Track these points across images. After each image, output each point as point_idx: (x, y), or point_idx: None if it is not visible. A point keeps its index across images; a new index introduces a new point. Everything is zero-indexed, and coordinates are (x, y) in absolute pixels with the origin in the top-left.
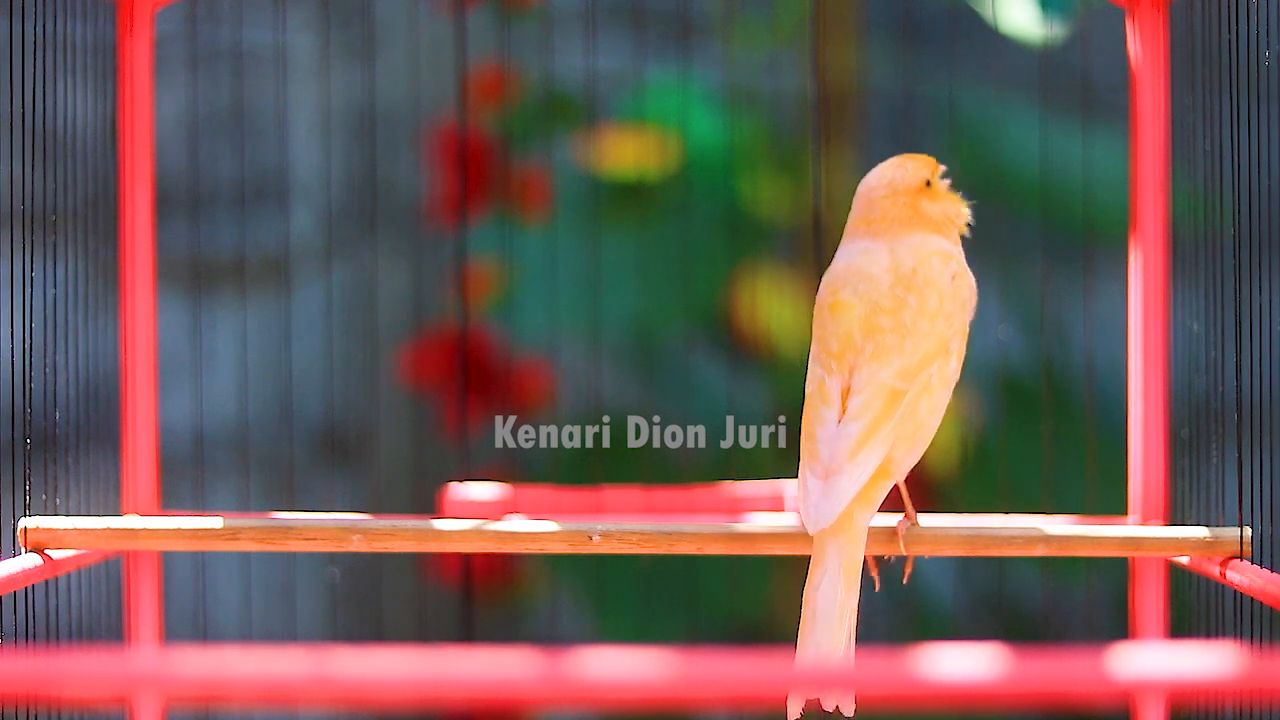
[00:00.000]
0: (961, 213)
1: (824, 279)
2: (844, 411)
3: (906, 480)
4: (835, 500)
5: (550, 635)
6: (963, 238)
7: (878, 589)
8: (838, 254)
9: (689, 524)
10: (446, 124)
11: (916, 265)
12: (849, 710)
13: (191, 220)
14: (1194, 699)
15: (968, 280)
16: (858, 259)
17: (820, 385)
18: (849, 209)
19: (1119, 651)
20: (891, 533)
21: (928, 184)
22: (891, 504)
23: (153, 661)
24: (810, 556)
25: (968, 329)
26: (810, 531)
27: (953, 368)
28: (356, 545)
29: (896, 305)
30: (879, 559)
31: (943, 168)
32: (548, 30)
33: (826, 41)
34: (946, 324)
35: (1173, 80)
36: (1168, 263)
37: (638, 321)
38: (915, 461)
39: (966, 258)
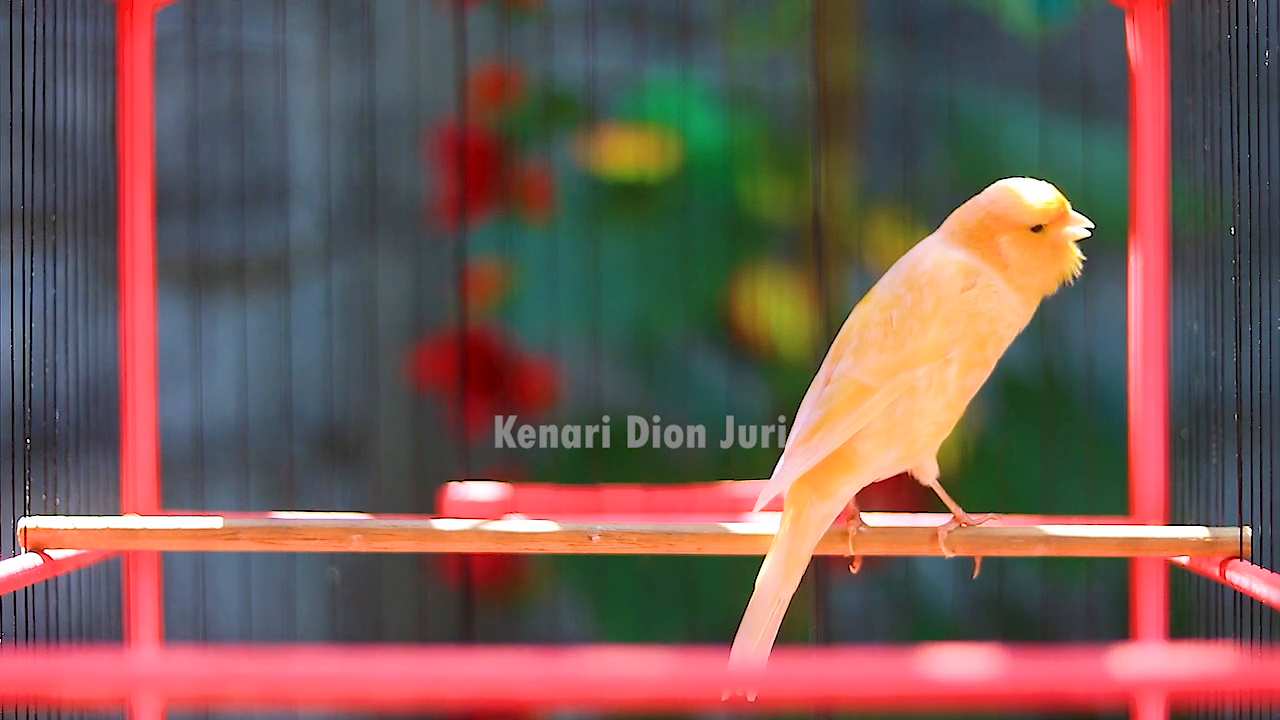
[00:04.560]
0: (1049, 272)
1: None
2: None
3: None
4: (778, 481)
5: (550, 635)
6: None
7: (855, 569)
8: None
9: (689, 524)
10: (447, 124)
11: (930, 268)
12: (752, 695)
13: (191, 220)
14: (1194, 699)
15: (994, 300)
16: (906, 256)
17: (817, 377)
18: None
19: (1119, 652)
20: (933, 534)
21: (1037, 228)
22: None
23: (153, 661)
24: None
25: (986, 346)
26: (754, 510)
27: (951, 376)
28: (356, 545)
29: (893, 302)
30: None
31: (1084, 223)
32: (548, 30)
33: (826, 41)
34: (945, 329)
35: (1173, 80)
36: (1168, 263)
37: (638, 321)
38: (900, 464)
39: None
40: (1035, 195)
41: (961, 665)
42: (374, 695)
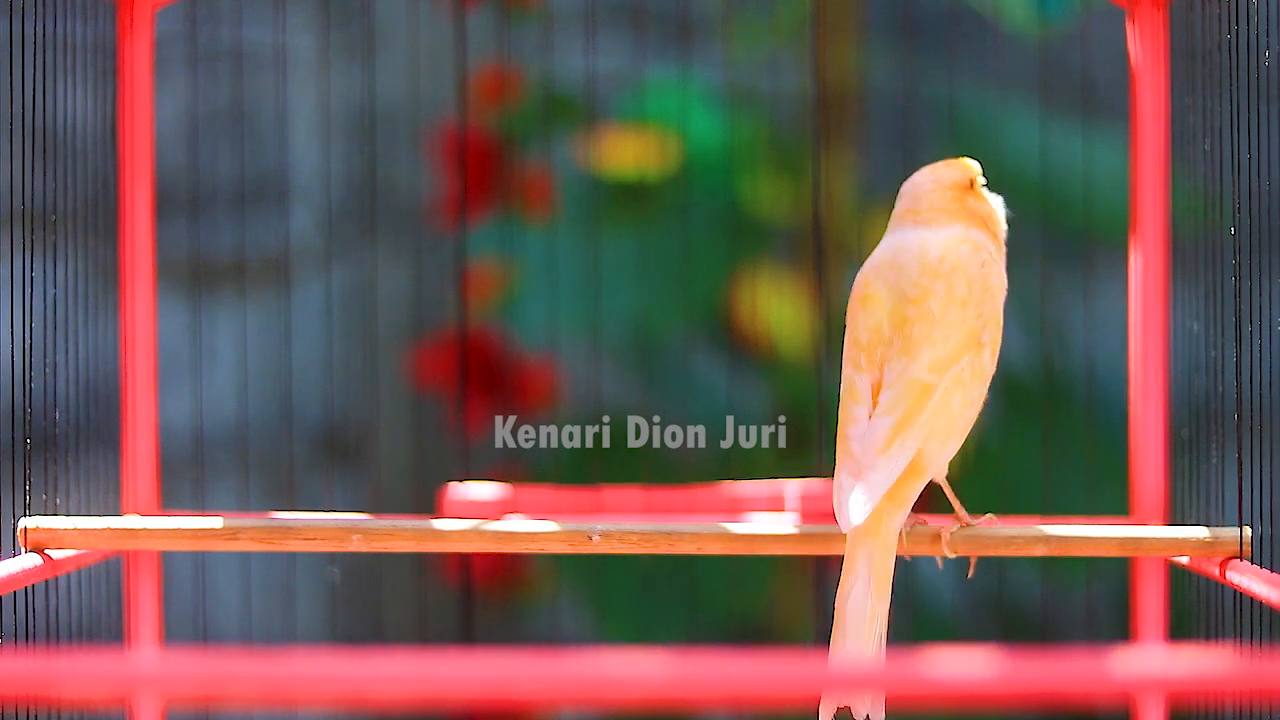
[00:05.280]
0: (998, 214)
1: (859, 273)
2: (875, 407)
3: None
4: (867, 496)
5: (550, 635)
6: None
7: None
8: (877, 248)
9: (689, 524)
10: (447, 124)
11: (944, 253)
12: (879, 716)
13: (191, 220)
14: (1194, 700)
15: (998, 271)
16: (891, 251)
17: (850, 383)
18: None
19: (1119, 652)
20: (935, 535)
21: (972, 184)
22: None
23: (153, 661)
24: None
25: (1000, 323)
26: (843, 530)
27: (986, 360)
28: (356, 545)
29: (923, 294)
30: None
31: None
32: (548, 30)
33: (826, 41)
34: (977, 313)
35: (1173, 80)
36: (1168, 263)
37: (638, 321)
38: (949, 459)
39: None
40: (956, 161)
41: (961, 665)
42: (374, 695)
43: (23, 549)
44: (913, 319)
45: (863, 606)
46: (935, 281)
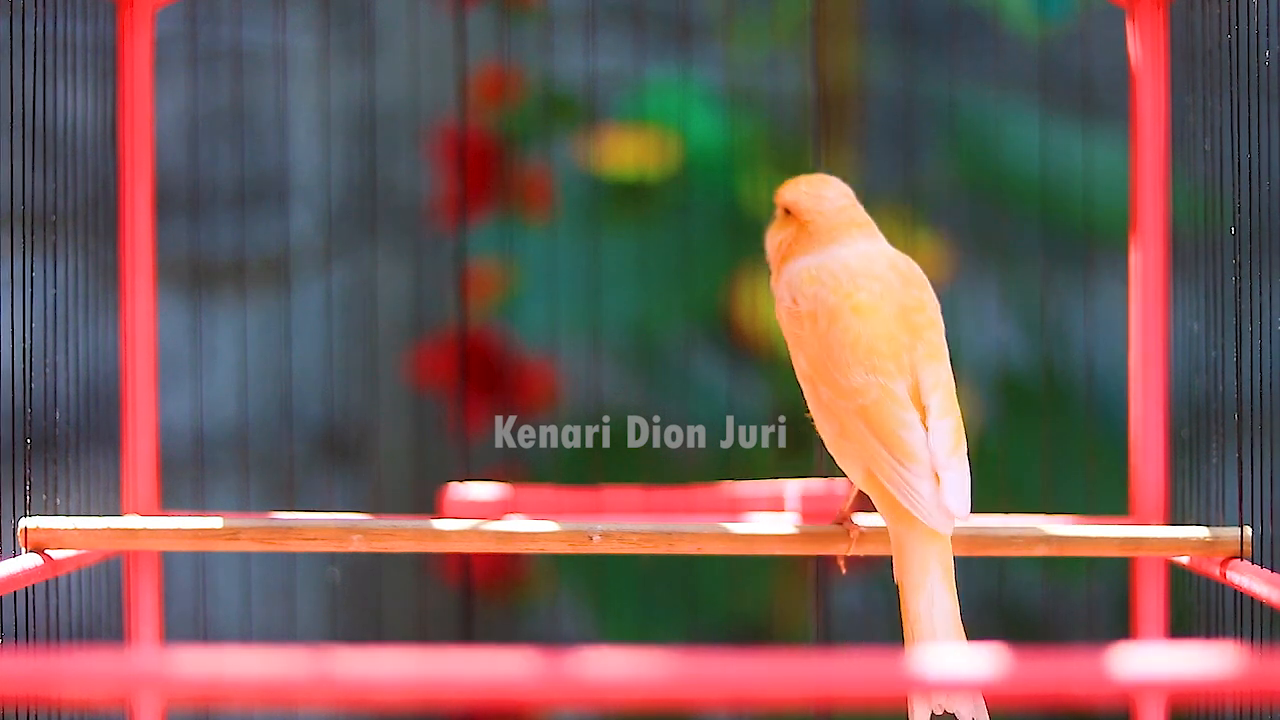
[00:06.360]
0: None
1: (814, 282)
2: (922, 411)
3: None
4: (961, 492)
5: (550, 635)
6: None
7: (844, 572)
8: (818, 256)
9: (689, 524)
10: (447, 124)
11: (907, 264)
12: (984, 717)
13: (191, 220)
14: (1194, 699)
15: None
16: (856, 260)
17: (885, 391)
18: None
19: (1119, 651)
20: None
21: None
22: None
23: (153, 661)
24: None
25: None
26: (946, 530)
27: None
28: (356, 545)
29: (919, 304)
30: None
31: None
32: (548, 30)
33: (826, 41)
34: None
35: (1173, 80)
36: (1168, 263)
37: (638, 321)
38: None
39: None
40: (825, 176)
41: (961, 665)
42: (374, 695)
43: (23, 549)
44: (923, 325)
45: (945, 601)
46: (922, 292)
